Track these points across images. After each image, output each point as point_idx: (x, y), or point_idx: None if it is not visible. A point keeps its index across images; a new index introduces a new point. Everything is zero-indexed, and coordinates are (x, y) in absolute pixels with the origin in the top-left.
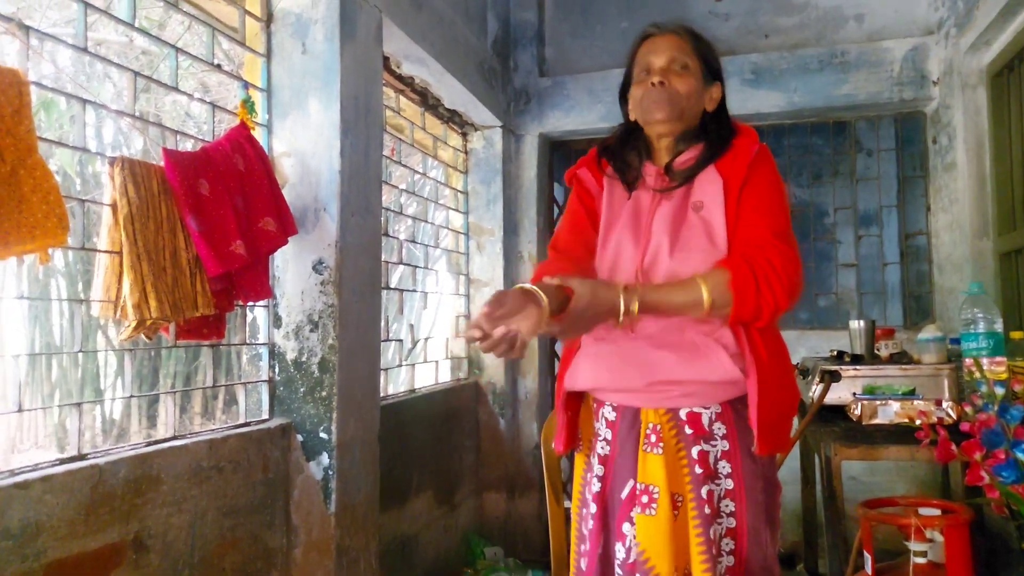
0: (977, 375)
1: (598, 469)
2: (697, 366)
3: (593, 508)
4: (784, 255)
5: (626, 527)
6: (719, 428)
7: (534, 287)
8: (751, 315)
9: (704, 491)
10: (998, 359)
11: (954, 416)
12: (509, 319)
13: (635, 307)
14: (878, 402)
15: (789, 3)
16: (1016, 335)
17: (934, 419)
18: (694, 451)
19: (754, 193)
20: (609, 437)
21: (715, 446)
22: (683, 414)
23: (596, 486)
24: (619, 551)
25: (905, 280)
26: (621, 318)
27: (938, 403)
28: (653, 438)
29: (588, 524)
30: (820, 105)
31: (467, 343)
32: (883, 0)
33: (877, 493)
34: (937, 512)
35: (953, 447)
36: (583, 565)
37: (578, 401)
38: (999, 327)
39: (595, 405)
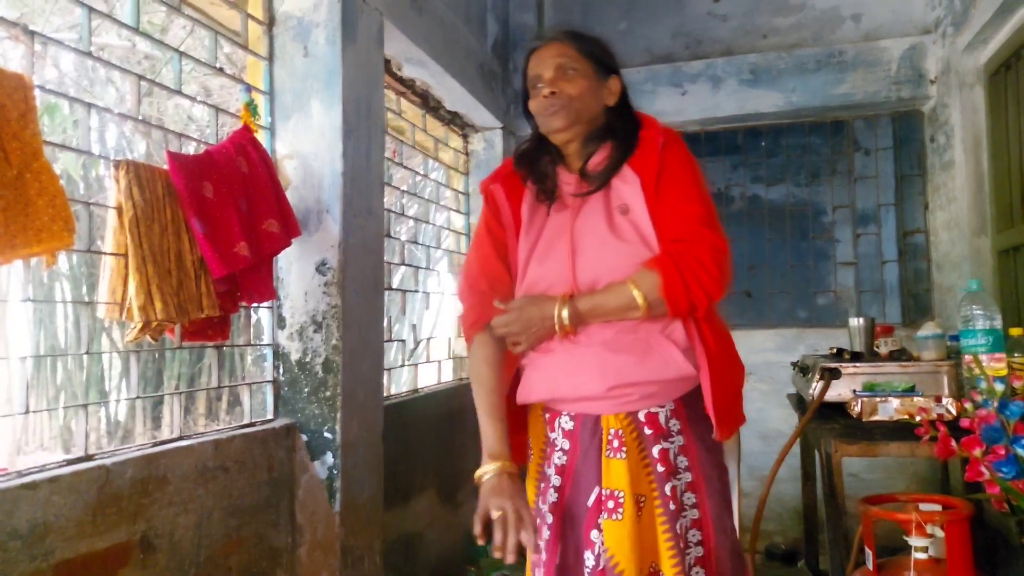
0: (976, 371)
1: (555, 480)
2: (652, 366)
3: (549, 519)
4: (712, 246)
5: (594, 534)
6: (674, 424)
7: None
8: (686, 311)
9: (668, 488)
10: (997, 355)
11: (954, 412)
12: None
13: (566, 317)
14: (878, 399)
15: (786, 4)
16: (1015, 331)
17: (934, 415)
18: (655, 450)
19: (671, 182)
20: (567, 447)
21: (673, 442)
22: (642, 416)
23: (552, 496)
24: (588, 559)
25: (903, 278)
26: (557, 328)
27: (938, 399)
28: (616, 443)
29: (544, 534)
30: (818, 105)
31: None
32: (880, 0)
33: (877, 489)
34: (937, 508)
35: (953, 443)
36: (537, 575)
37: (522, 416)
38: (998, 324)
39: (548, 415)
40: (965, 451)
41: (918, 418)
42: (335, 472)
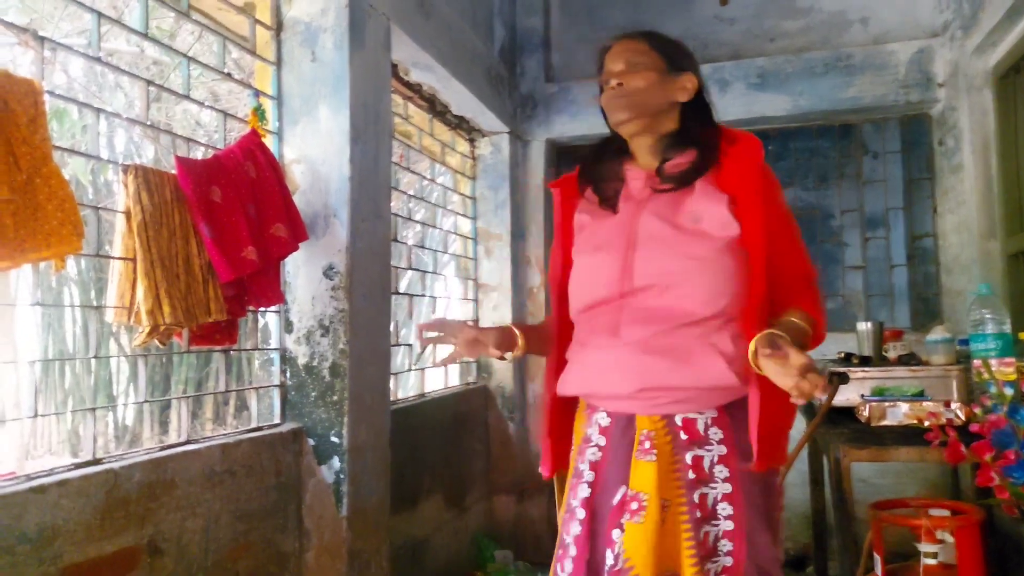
0: (986, 376)
1: (588, 475)
2: (688, 371)
3: (581, 514)
4: (821, 298)
5: (615, 534)
6: (715, 433)
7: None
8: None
9: (696, 495)
10: (1007, 360)
11: (963, 417)
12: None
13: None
14: (887, 404)
15: (794, 7)
16: None
17: (943, 420)
18: (688, 456)
19: (777, 213)
20: (602, 443)
21: (711, 451)
22: (678, 420)
23: (585, 491)
24: (608, 557)
25: (912, 282)
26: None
27: (947, 404)
28: (647, 444)
29: (575, 529)
30: (826, 108)
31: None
32: (888, 3)
33: (887, 495)
34: (947, 513)
35: (963, 448)
36: (567, 567)
37: (566, 419)
38: (1008, 328)
39: (588, 410)
40: (975, 456)
41: (927, 423)
42: (342, 476)
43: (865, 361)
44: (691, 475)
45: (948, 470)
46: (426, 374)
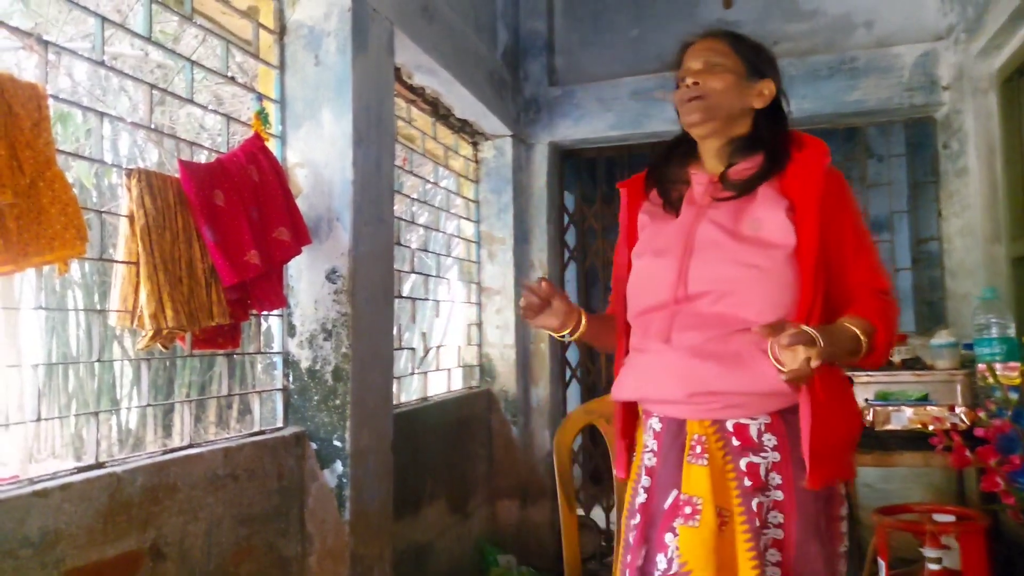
0: (991, 380)
1: (645, 480)
2: (740, 377)
3: (637, 519)
4: (897, 309)
5: (668, 537)
6: (769, 439)
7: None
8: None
9: (754, 503)
10: (1012, 364)
11: (968, 422)
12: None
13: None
14: (891, 408)
15: (798, 10)
16: None
17: (948, 425)
18: (742, 463)
19: (844, 220)
20: (656, 448)
21: (765, 457)
22: (729, 425)
23: (642, 497)
24: (660, 561)
25: (917, 286)
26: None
27: (952, 409)
28: (698, 449)
29: (632, 535)
30: (830, 111)
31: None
32: (892, 6)
33: (892, 500)
34: (952, 519)
35: (968, 453)
36: (624, 573)
37: (635, 421)
38: (1012, 332)
39: (644, 416)
40: (980, 461)
41: (932, 427)
42: (345, 481)
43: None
44: (747, 482)
45: (953, 475)
46: (429, 378)
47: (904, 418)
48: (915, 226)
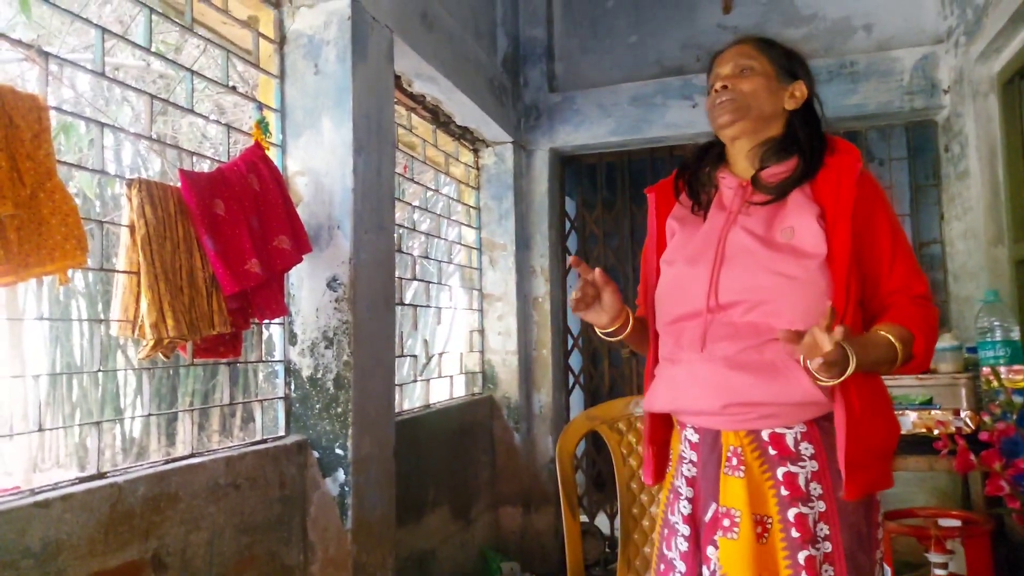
0: (995, 384)
1: (687, 491)
2: (774, 387)
3: (687, 530)
4: (936, 311)
5: (710, 551)
6: (806, 448)
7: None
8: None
9: (791, 514)
10: (1016, 367)
11: (972, 426)
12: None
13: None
14: (896, 412)
15: (797, 15)
16: None
17: (952, 429)
18: (779, 472)
19: (879, 224)
20: (695, 459)
21: (804, 467)
22: (765, 435)
23: (687, 508)
24: (704, 573)
25: None
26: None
27: (956, 413)
28: (735, 461)
29: (681, 546)
30: (830, 116)
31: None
32: (891, 10)
33: (896, 504)
34: (957, 523)
35: (972, 457)
36: None
37: (666, 428)
38: (1016, 335)
39: (679, 427)
40: (985, 465)
41: (936, 431)
42: (347, 489)
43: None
44: (784, 492)
45: (958, 479)
46: (431, 385)
47: (908, 422)
48: (917, 229)
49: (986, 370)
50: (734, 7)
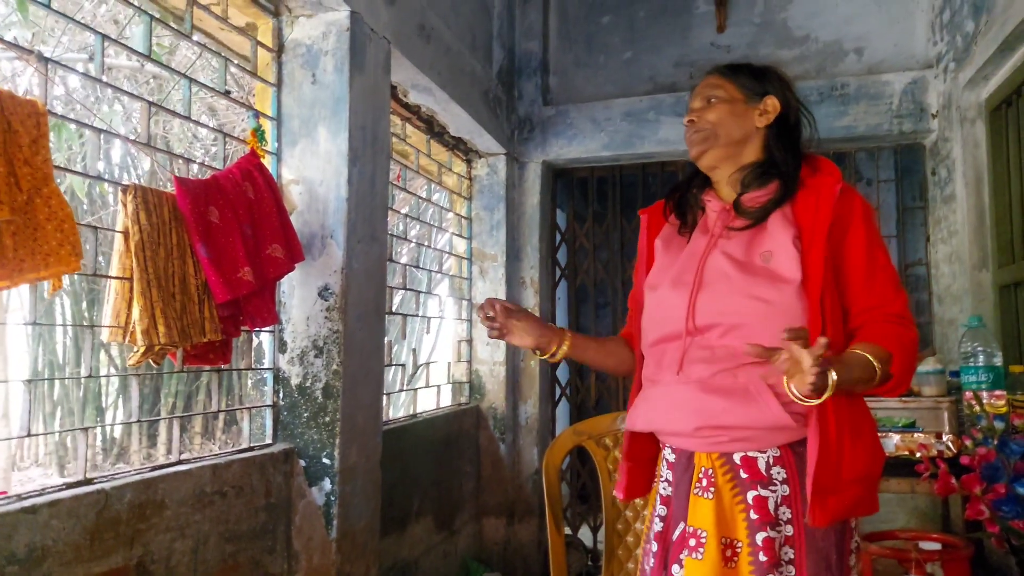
0: (977, 409)
1: (661, 509)
2: (747, 411)
3: (655, 547)
4: (916, 333)
5: (675, 569)
6: (778, 472)
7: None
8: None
9: (760, 538)
10: (998, 393)
11: (954, 449)
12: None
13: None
14: (879, 435)
15: (790, 36)
16: (1015, 369)
17: (934, 452)
18: (750, 496)
19: (858, 241)
20: (670, 478)
21: (775, 491)
22: (737, 458)
23: (658, 525)
24: None
25: None
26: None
27: (938, 436)
28: (705, 482)
29: (649, 562)
30: (820, 136)
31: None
32: (882, 34)
33: (878, 525)
34: (937, 546)
35: (953, 481)
36: None
37: (647, 447)
38: (998, 361)
39: (661, 446)
40: (965, 489)
41: (919, 454)
42: (333, 498)
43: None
44: (754, 515)
45: (939, 501)
46: (418, 394)
47: (892, 445)
48: (903, 250)
49: (968, 395)
50: (728, 27)
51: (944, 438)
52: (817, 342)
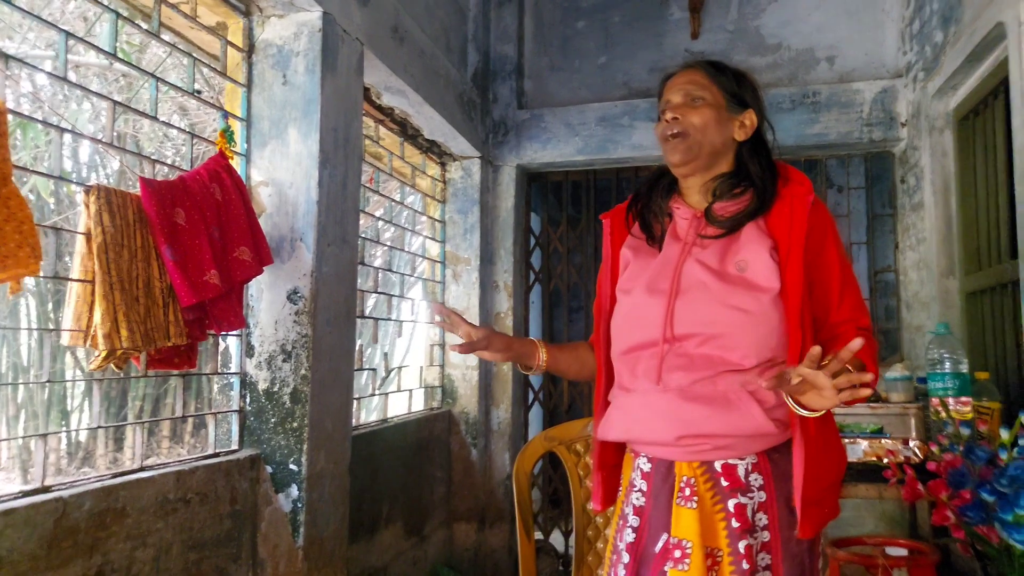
0: (943, 415)
1: (633, 520)
2: (728, 420)
3: (626, 558)
4: (877, 348)
5: None
6: (756, 479)
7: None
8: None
9: (742, 546)
10: (963, 399)
11: (920, 455)
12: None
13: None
14: (847, 440)
15: (763, 44)
16: (981, 375)
17: (901, 458)
18: (731, 504)
19: (827, 255)
20: (645, 488)
21: (752, 498)
22: (718, 466)
23: (630, 536)
24: None
25: (874, 315)
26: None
27: (905, 442)
28: (687, 491)
29: (620, 573)
30: (792, 144)
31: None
32: (853, 43)
33: (847, 530)
34: (904, 552)
35: (920, 487)
36: None
37: (617, 454)
38: (964, 367)
39: (632, 455)
40: (931, 495)
41: (886, 460)
42: (300, 505)
43: None
44: (735, 523)
45: (907, 506)
46: (389, 399)
47: (860, 451)
48: (873, 257)
49: (935, 401)
50: (701, 33)
51: (911, 444)
52: (810, 353)
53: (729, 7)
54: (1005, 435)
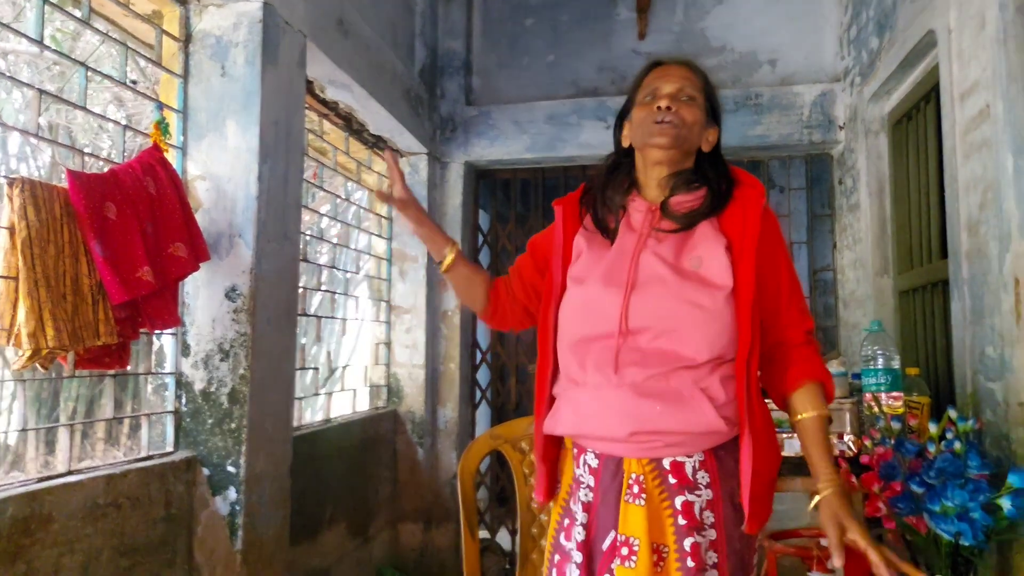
0: (876, 410)
1: (582, 516)
2: (681, 417)
3: (578, 557)
4: (820, 350)
5: None
6: (703, 477)
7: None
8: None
9: (688, 543)
10: (895, 394)
11: (855, 449)
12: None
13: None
14: (784, 435)
15: (708, 46)
16: (912, 371)
17: (836, 452)
18: (678, 502)
19: (777, 259)
20: (592, 484)
21: (700, 496)
22: (666, 463)
23: (581, 534)
24: None
25: (814, 312)
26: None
27: (841, 436)
28: (636, 488)
29: (573, 572)
30: (735, 144)
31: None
32: (795, 47)
33: (785, 523)
34: None
35: (854, 479)
36: None
37: (557, 447)
38: (896, 364)
39: (576, 450)
40: (864, 487)
41: None
42: (238, 508)
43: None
44: (682, 521)
45: None
46: (333, 398)
47: (797, 445)
48: (813, 256)
49: (868, 396)
50: (648, 34)
51: (846, 438)
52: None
53: (675, 9)
54: (933, 429)
